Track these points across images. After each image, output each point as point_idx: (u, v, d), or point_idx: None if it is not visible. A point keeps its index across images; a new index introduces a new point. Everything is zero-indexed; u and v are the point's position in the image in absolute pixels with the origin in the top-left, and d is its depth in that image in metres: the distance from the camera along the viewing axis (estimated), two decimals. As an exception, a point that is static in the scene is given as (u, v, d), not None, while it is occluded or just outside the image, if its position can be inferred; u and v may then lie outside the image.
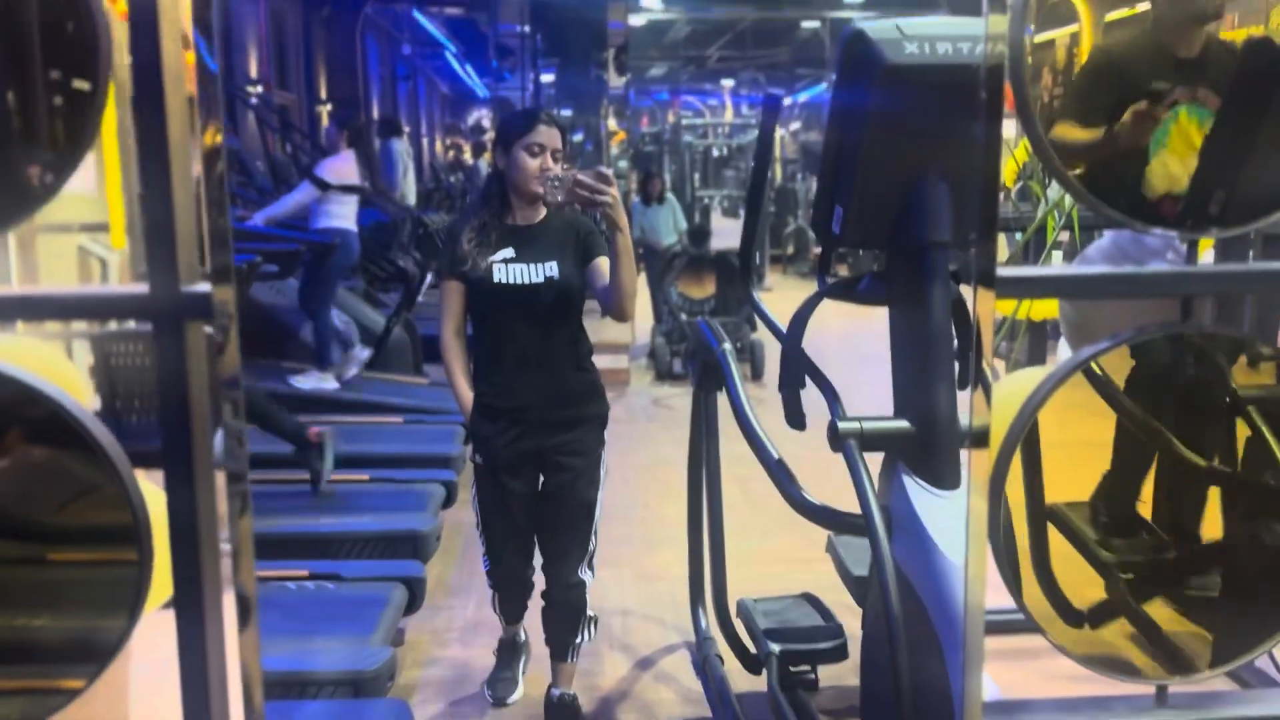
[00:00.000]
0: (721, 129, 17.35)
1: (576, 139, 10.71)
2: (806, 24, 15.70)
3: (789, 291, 9.99)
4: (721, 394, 2.50)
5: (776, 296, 9.31)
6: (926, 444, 1.75)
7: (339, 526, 3.19)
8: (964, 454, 1.70)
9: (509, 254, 2.30)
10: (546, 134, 2.28)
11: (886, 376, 1.82)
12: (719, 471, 2.72)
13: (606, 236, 2.21)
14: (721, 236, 8.83)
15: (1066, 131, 1.17)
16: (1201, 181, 1.19)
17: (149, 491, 1.13)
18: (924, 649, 1.64)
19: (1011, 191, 2.65)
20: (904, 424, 1.79)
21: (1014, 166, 2.56)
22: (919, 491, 1.72)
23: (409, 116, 18.69)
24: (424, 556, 3.16)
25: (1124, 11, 1.16)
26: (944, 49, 1.59)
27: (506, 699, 2.65)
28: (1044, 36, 1.19)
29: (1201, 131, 1.17)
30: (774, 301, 2.23)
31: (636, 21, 14.21)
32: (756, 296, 2.25)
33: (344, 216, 5.05)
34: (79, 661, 1.07)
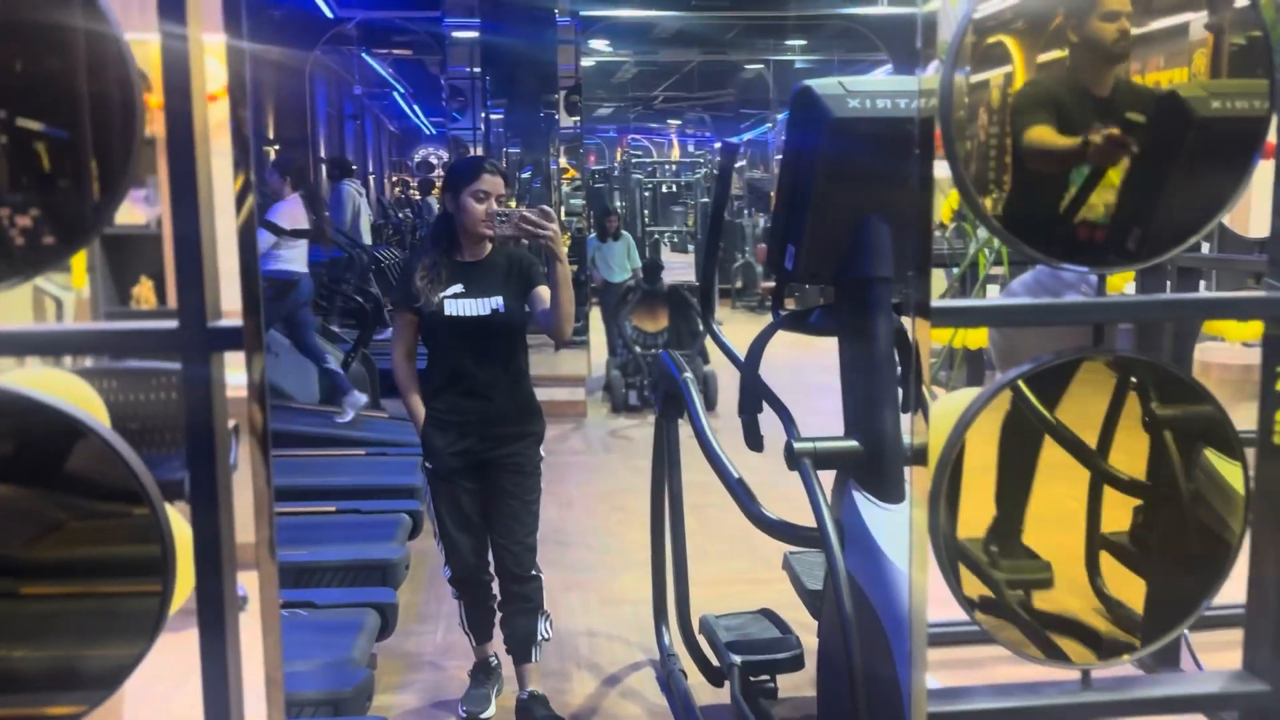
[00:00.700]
0: (669, 167, 17.67)
1: (525, 176, 10.86)
2: (750, 66, 16.12)
3: (739, 325, 10.20)
4: (683, 421, 2.65)
5: (726, 330, 9.51)
6: (874, 462, 1.90)
7: (310, 557, 3.26)
8: (908, 470, 1.86)
9: (458, 289, 2.56)
10: (491, 182, 2.55)
11: (835, 403, 1.98)
12: (681, 494, 2.86)
13: (546, 267, 2.50)
14: (672, 271, 9.01)
15: (1043, 135, 1.31)
16: (1120, 220, 1.36)
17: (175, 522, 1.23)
18: (876, 653, 1.78)
19: (948, 229, 2.84)
20: (853, 443, 1.94)
21: (949, 205, 2.75)
22: (868, 506, 1.87)
23: (356, 155, 18.73)
24: (394, 584, 3.25)
25: (1055, 54, 1.32)
26: (883, 104, 1.77)
27: (480, 714, 2.76)
28: (979, 77, 1.34)
29: (1115, 166, 1.33)
30: (726, 335, 2.40)
31: (585, 63, 14.47)
32: (717, 329, 2.40)
33: (295, 260, 5.15)
34: (88, 688, 1.15)
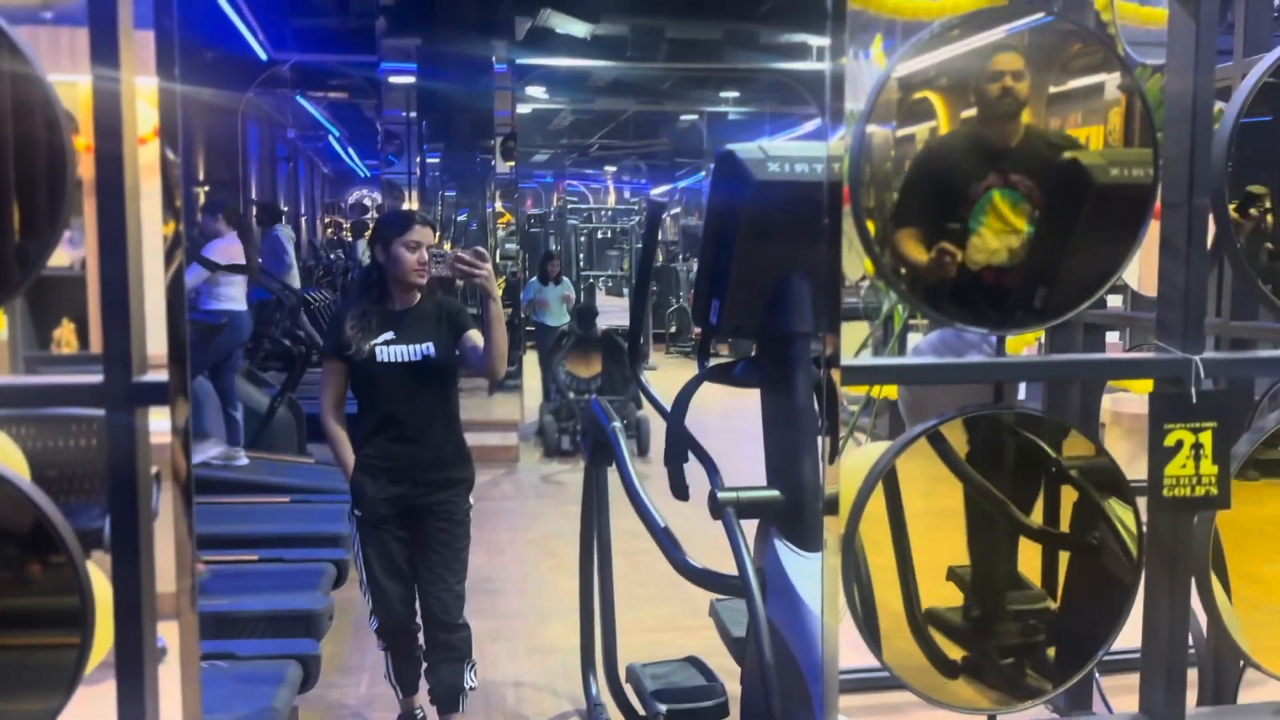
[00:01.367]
0: (605, 213, 17.82)
1: (461, 219, 10.88)
2: (685, 117, 16.41)
3: (672, 370, 10.28)
4: (612, 469, 2.68)
5: (661, 375, 9.59)
6: (794, 511, 1.96)
7: (230, 607, 3.19)
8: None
9: (389, 336, 2.60)
10: (421, 233, 2.62)
11: (759, 450, 2.03)
12: (609, 543, 2.88)
13: (479, 306, 2.56)
14: (606, 315, 9.08)
15: (905, 244, 1.39)
16: (1027, 278, 1.44)
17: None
18: (796, 700, 1.82)
19: (865, 284, 2.94)
20: (775, 493, 1.99)
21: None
22: (789, 554, 1.92)
23: (289, 197, 18.55)
24: (317, 635, 3.19)
25: (974, 111, 1.39)
26: (801, 168, 1.85)
27: (405, 768, 2.72)
28: (905, 131, 1.41)
29: (1014, 210, 1.41)
30: (659, 379, 2.45)
31: (522, 109, 14.59)
32: (644, 380, 2.45)
33: (234, 298, 5.11)
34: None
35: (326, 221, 24.71)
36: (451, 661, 2.67)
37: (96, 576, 1.20)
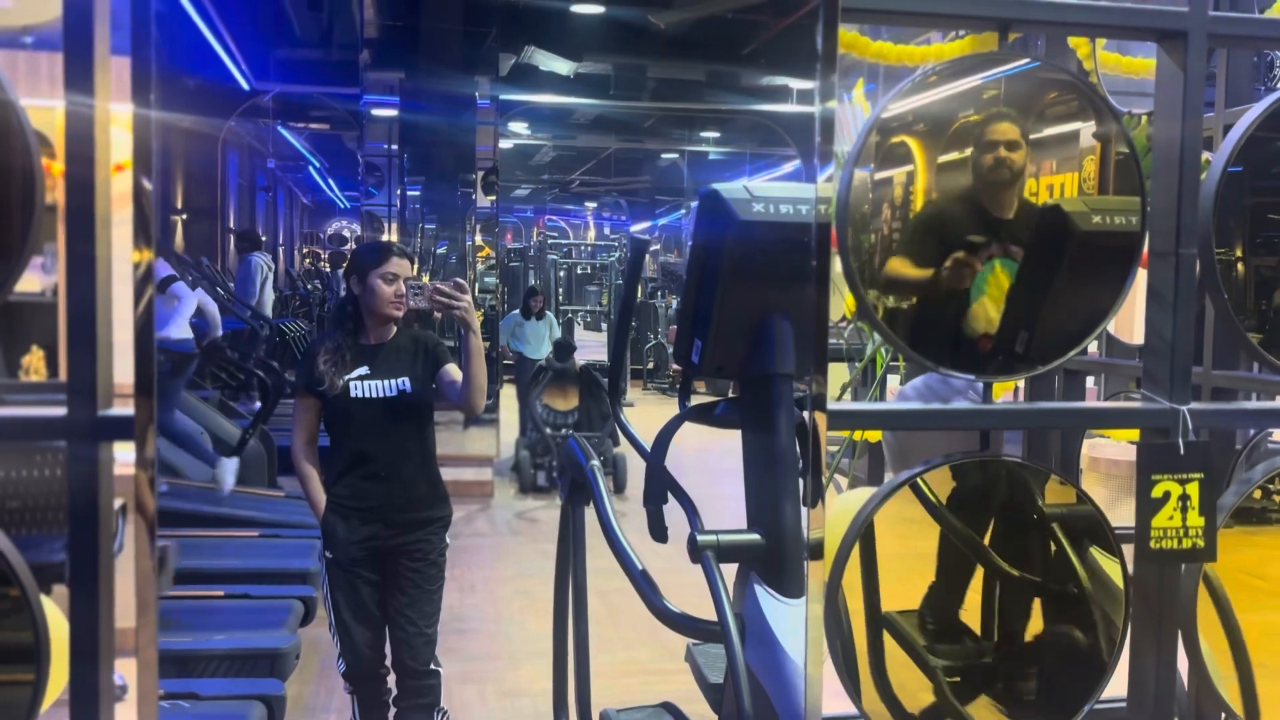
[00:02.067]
0: (585, 248, 17.89)
1: (440, 251, 10.89)
2: (666, 155, 16.55)
3: (650, 407, 10.25)
4: (589, 508, 2.63)
5: (638, 412, 9.55)
6: (775, 555, 1.92)
7: (194, 644, 3.11)
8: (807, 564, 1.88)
9: (364, 371, 2.54)
10: (399, 264, 2.57)
11: (738, 488, 2.00)
12: (585, 584, 2.82)
13: (459, 340, 2.52)
14: (585, 350, 9.06)
15: (899, 267, 1.39)
16: (1008, 325, 1.43)
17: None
18: (775, 749, 1.77)
19: (849, 324, 2.94)
20: (755, 537, 1.95)
21: (851, 300, 2.84)
22: (769, 600, 1.88)
23: (267, 227, 18.49)
24: (282, 674, 3.11)
25: (953, 155, 1.39)
26: (786, 209, 1.84)
27: (370, 814, 2.64)
28: (883, 174, 1.40)
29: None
30: (636, 415, 2.41)
31: (504, 144, 14.67)
32: (624, 419, 2.41)
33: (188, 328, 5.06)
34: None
35: (305, 252, 24.66)
36: (421, 709, 2.60)
37: (53, 612, 1.15)
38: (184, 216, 12.43)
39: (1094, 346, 3.20)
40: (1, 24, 2.01)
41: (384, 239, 10.38)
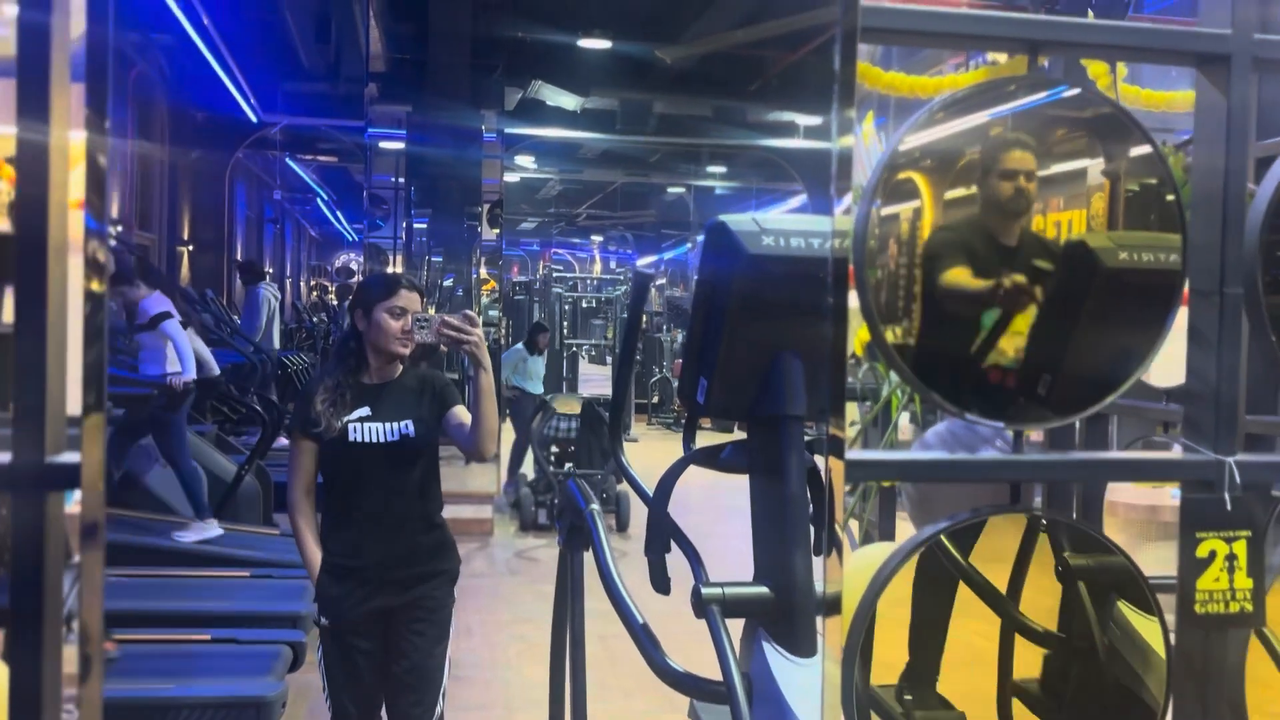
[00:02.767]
0: (590, 281, 17.86)
1: (448, 283, 10.86)
2: (672, 189, 16.56)
3: (654, 442, 10.12)
4: (589, 552, 2.51)
5: (642, 448, 9.43)
6: (785, 610, 1.81)
7: (177, 691, 2.98)
8: (820, 620, 1.76)
9: (364, 413, 2.35)
10: (407, 298, 2.38)
11: (746, 527, 1.90)
12: (583, 632, 2.70)
13: (469, 375, 2.30)
14: (589, 383, 8.97)
15: (959, 277, 1.30)
16: (1030, 365, 1.33)
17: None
18: (783, 818, 1.65)
19: (862, 364, 2.84)
20: (764, 590, 1.84)
21: (861, 337, 2.75)
22: (778, 659, 1.76)
23: (274, 259, 18.51)
24: (268, 725, 2.98)
25: (960, 191, 1.32)
26: (797, 242, 1.74)
27: None
28: (890, 210, 1.33)
29: (1025, 313, 1.32)
30: (640, 451, 2.30)
31: (510, 178, 14.68)
32: (625, 462, 2.31)
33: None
34: None
35: (312, 284, 24.70)
36: None
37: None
38: (190, 248, 12.42)
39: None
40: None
41: (391, 271, 10.34)
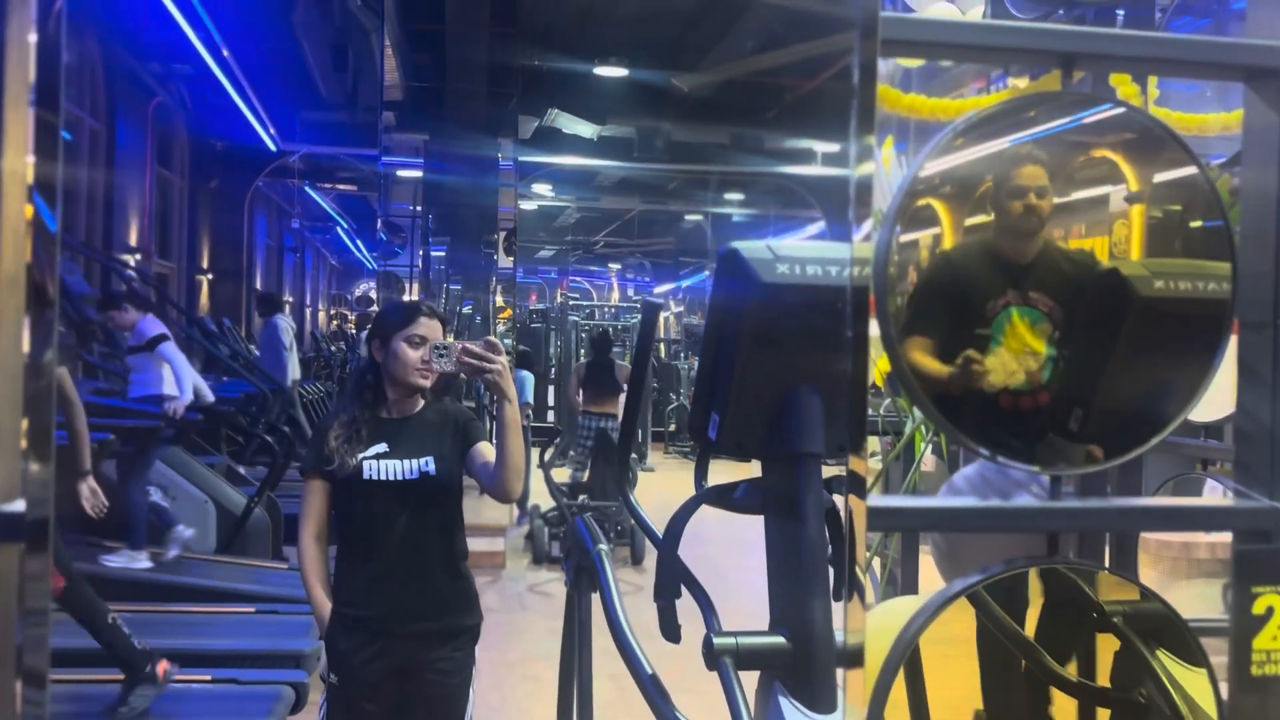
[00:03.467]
0: (608, 309, 17.82)
1: (466, 310, 10.86)
2: (690, 217, 16.53)
3: (671, 472, 9.99)
4: (597, 592, 2.41)
5: (659, 478, 9.30)
6: (803, 662, 1.70)
7: (170, 736, 2.89)
8: (840, 672, 1.65)
9: (381, 449, 2.18)
10: (428, 326, 2.22)
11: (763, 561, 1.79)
12: (590, 678, 2.59)
13: (494, 408, 2.15)
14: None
15: (917, 356, 1.21)
16: (1059, 397, 1.24)
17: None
18: None
19: (885, 393, 2.73)
20: (780, 640, 1.73)
21: (880, 367, 2.65)
22: (795, 715, 1.65)
23: (294, 288, 18.58)
24: (266, 770, 2.88)
25: (981, 218, 1.23)
26: (813, 270, 1.65)
27: None
28: (909, 237, 1.25)
29: (1033, 331, 1.23)
30: (656, 482, 2.20)
31: (528, 206, 14.71)
32: (633, 500, 2.21)
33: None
34: None
35: (332, 313, 24.79)
36: None
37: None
38: (210, 277, 12.46)
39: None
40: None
41: (409, 299, 10.31)
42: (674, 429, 12.81)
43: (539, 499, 7.02)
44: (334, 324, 23.02)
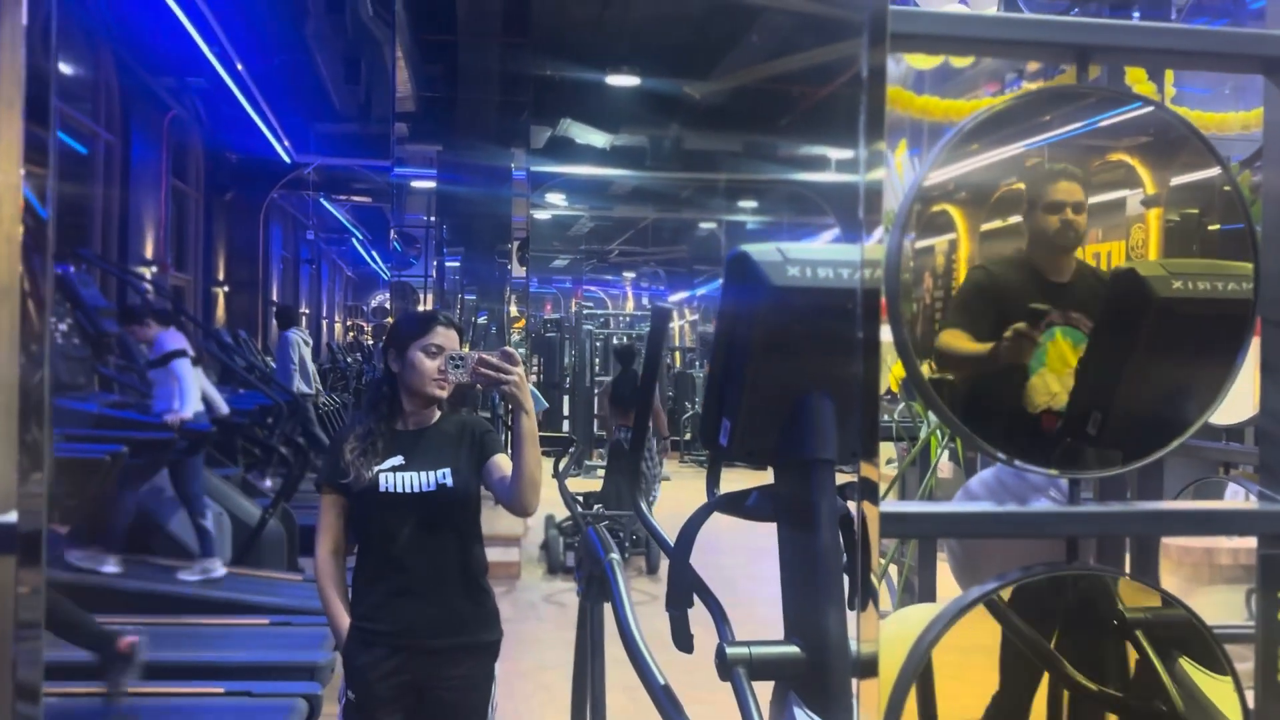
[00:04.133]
0: (623, 318, 17.80)
1: (481, 320, 10.88)
2: (704, 225, 16.52)
3: (688, 481, 9.95)
4: (610, 603, 2.38)
5: (675, 487, 9.25)
6: (818, 672, 1.67)
7: (184, 749, 2.88)
8: (855, 683, 1.62)
9: (398, 461, 2.15)
10: (445, 335, 2.18)
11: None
12: (604, 689, 2.57)
13: (509, 420, 2.11)
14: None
15: (954, 340, 1.18)
16: (1078, 402, 1.21)
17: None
18: None
19: (900, 398, 2.70)
20: (794, 649, 1.70)
21: (895, 373, 2.61)
22: (810, 726, 1.62)
23: (310, 300, 18.66)
24: (279, 783, 2.86)
25: (996, 223, 1.21)
26: (825, 273, 1.62)
27: None
28: (924, 243, 1.22)
29: (1076, 351, 1.20)
30: (673, 491, 2.17)
31: (542, 215, 14.72)
32: (644, 508, 2.18)
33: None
34: None
35: (348, 325, 24.89)
36: None
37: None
38: (226, 289, 12.52)
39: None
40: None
41: (426, 309, 10.33)
42: (690, 438, 12.78)
43: (554, 509, 7.01)
44: (350, 335, 23.11)
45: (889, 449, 2.75)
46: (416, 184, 11.69)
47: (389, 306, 23.52)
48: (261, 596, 4.49)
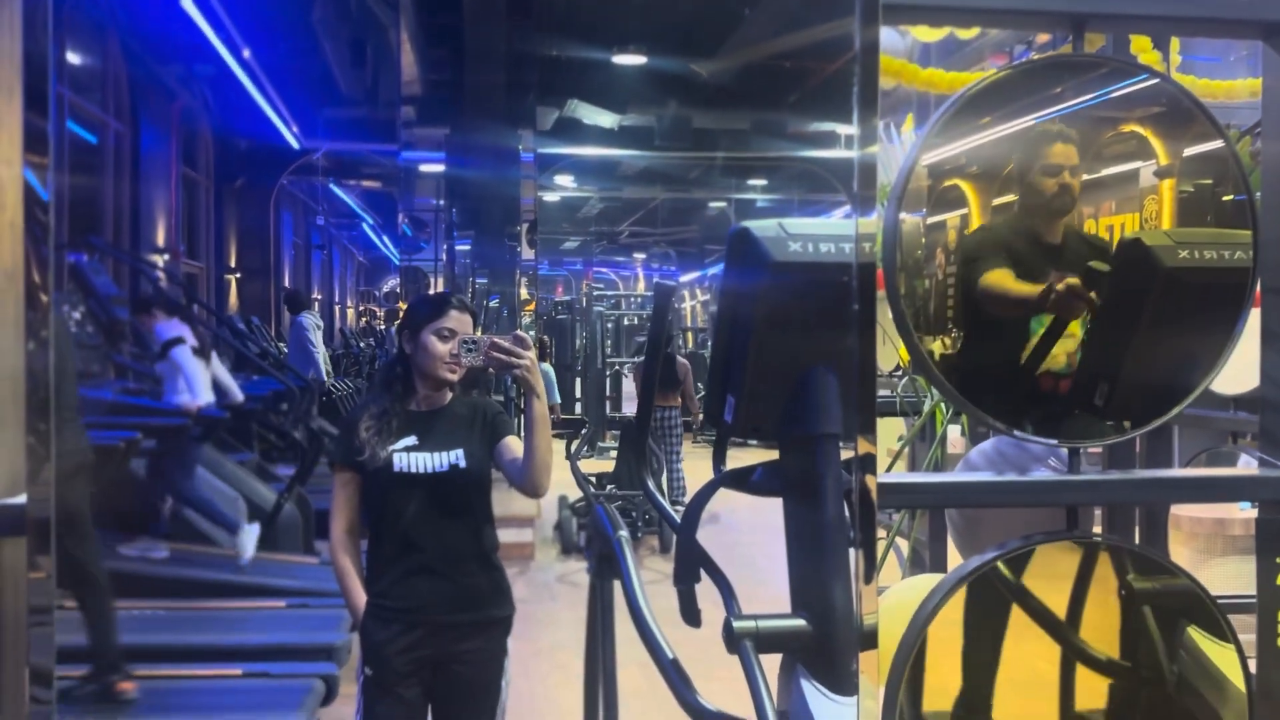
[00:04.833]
0: (633, 299, 17.79)
1: (493, 304, 10.89)
2: (714, 204, 16.46)
3: (700, 461, 9.96)
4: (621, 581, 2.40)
5: (686, 466, 9.28)
6: (824, 644, 1.68)
7: (203, 729, 2.92)
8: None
9: (411, 442, 2.19)
10: (458, 319, 2.21)
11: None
12: (614, 665, 2.59)
13: (521, 403, 2.17)
14: (633, 401, 8.85)
15: (1002, 280, 1.19)
16: (1085, 373, 1.21)
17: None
18: None
19: (907, 373, 2.70)
20: (800, 622, 1.71)
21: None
22: (817, 697, 1.63)
23: (322, 285, 18.70)
24: (298, 761, 2.91)
25: (1007, 198, 1.21)
26: (827, 247, 1.62)
27: None
28: (936, 219, 1.23)
29: (1080, 322, 1.21)
30: (685, 471, 2.18)
31: (550, 197, 14.71)
32: (651, 486, 2.20)
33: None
34: None
35: (361, 309, 24.92)
36: None
37: None
38: (238, 276, 12.56)
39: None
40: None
41: (439, 291, 10.35)
42: (701, 418, 12.78)
43: (567, 489, 7.04)
44: (363, 320, 23.14)
45: (899, 424, 2.76)
46: (425, 168, 11.69)
47: (400, 291, 23.54)
48: (277, 579, 4.54)
